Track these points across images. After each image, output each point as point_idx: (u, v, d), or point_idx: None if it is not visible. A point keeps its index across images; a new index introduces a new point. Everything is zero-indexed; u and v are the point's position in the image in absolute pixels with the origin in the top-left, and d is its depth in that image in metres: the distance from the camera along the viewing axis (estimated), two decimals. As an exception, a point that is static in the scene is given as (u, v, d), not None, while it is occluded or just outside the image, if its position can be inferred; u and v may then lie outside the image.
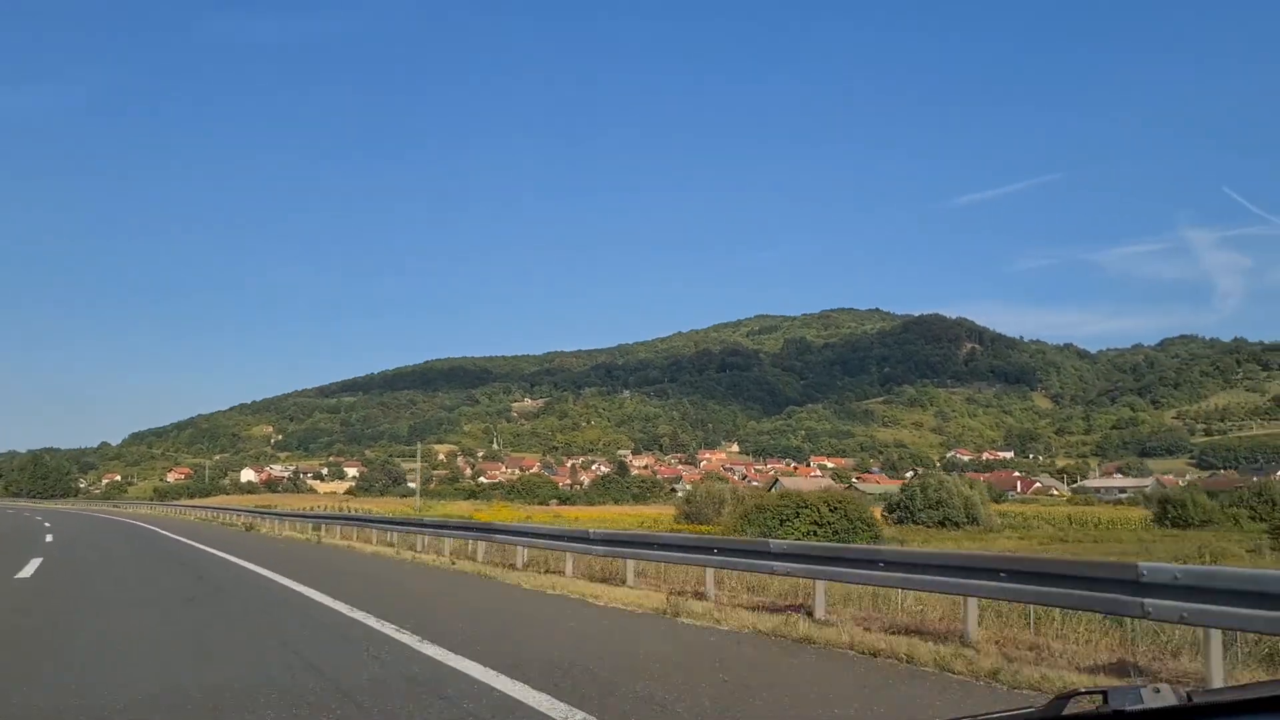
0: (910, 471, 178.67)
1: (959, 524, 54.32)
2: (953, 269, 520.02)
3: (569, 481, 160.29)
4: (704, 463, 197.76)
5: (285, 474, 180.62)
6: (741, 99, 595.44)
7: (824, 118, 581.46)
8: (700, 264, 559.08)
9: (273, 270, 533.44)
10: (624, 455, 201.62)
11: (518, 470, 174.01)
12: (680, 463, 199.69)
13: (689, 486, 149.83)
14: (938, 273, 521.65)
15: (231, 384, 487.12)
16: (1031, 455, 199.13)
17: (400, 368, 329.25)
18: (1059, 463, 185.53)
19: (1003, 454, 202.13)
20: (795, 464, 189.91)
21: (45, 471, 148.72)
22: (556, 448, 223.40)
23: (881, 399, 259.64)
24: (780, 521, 32.09)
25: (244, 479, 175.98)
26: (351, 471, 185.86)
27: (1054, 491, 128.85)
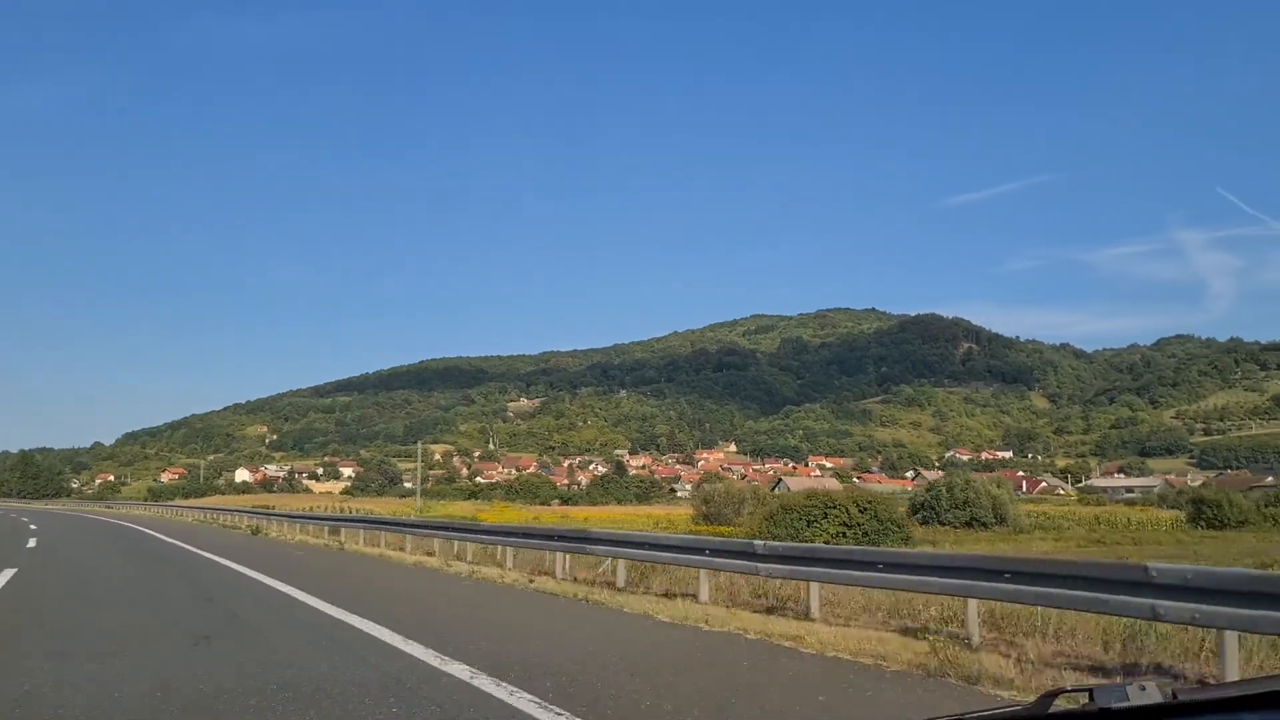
0: (910, 471, 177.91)
1: (987, 524, 52.90)
2: (948, 269, 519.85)
3: (566, 481, 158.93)
4: (702, 462, 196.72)
5: (280, 474, 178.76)
6: (741, 99, 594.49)
7: (823, 118, 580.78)
8: (698, 264, 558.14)
9: (272, 270, 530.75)
10: (621, 455, 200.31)
11: (514, 470, 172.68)
12: (678, 462, 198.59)
13: (689, 486, 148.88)
14: (933, 273, 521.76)
15: (226, 384, 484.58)
16: (1030, 455, 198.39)
17: (395, 367, 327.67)
18: (1059, 462, 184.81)
19: (1001, 454, 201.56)
20: (793, 464, 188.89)
21: (36, 471, 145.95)
22: (553, 447, 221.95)
23: (879, 399, 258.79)
24: (808, 522, 30.77)
25: (239, 479, 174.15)
26: (347, 471, 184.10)
27: (1060, 491, 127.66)
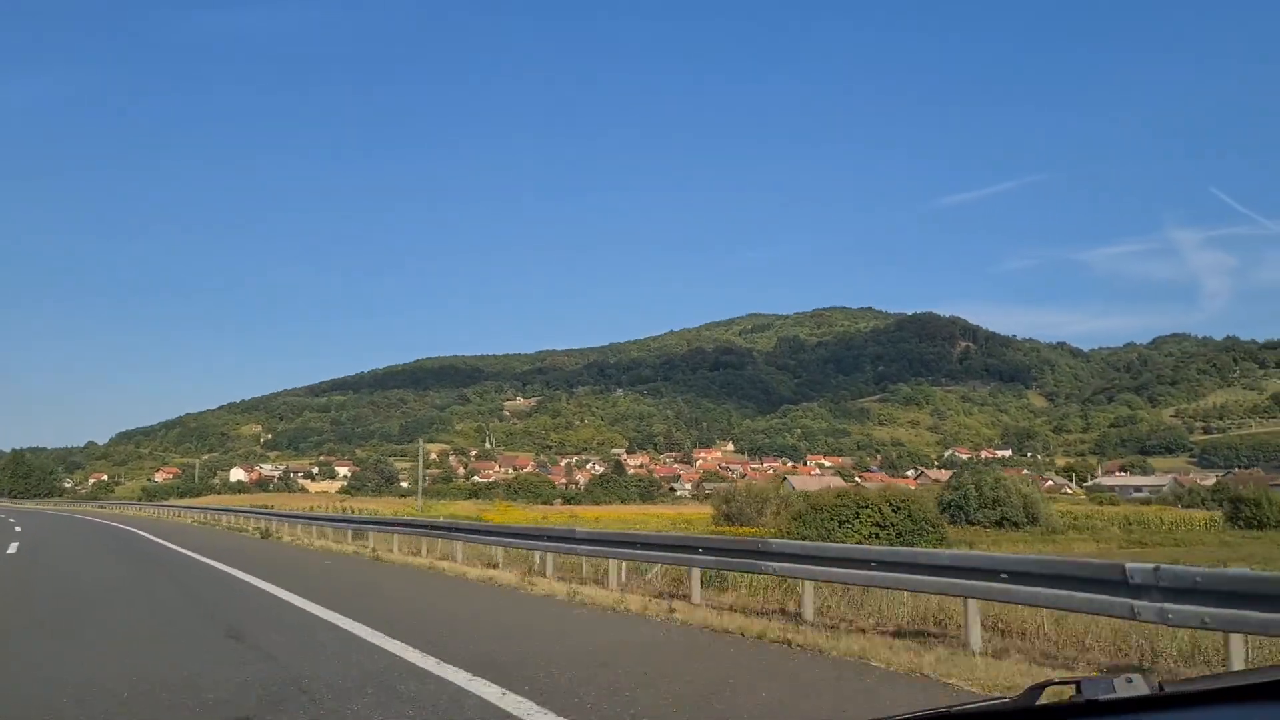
0: (911, 470, 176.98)
1: (1018, 524, 51.42)
2: (945, 268, 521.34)
3: (565, 480, 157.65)
4: (700, 462, 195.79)
5: (275, 473, 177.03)
6: (741, 99, 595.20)
7: (822, 118, 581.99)
8: (696, 263, 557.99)
9: (268, 269, 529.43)
10: (618, 454, 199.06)
11: (511, 470, 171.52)
12: (675, 461, 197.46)
13: (688, 486, 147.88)
14: (930, 272, 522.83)
15: (220, 383, 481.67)
16: (1029, 454, 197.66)
17: (391, 366, 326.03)
18: (1059, 461, 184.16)
19: (1000, 452, 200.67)
20: (792, 463, 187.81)
21: (27, 470, 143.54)
22: (550, 446, 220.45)
23: (877, 397, 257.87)
24: (839, 523, 29.48)
25: (233, 478, 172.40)
26: (343, 471, 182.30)
27: (1066, 490, 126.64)
